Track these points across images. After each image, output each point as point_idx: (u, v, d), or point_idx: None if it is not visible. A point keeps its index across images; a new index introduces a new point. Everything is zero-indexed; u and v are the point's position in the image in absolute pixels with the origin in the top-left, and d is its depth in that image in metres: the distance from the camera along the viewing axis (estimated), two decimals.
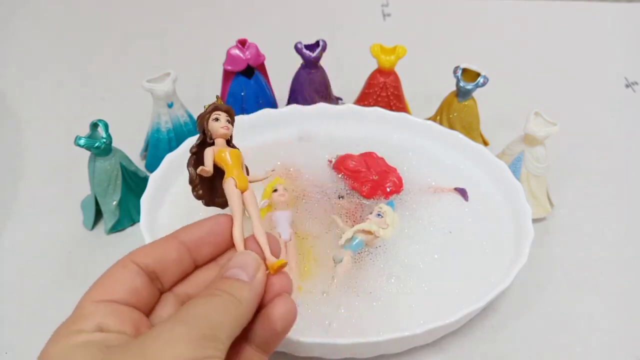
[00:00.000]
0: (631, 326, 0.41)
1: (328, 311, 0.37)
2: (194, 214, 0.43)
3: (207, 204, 0.33)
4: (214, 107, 0.32)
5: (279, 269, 0.28)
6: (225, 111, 0.33)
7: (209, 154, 0.31)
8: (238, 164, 0.31)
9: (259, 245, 0.29)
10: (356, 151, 0.48)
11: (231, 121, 0.33)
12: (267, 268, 0.28)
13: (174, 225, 0.41)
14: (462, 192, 0.45)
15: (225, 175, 0.31)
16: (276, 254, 0.29)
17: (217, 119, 0.32)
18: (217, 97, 0.35)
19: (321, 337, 0.34)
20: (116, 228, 0.46)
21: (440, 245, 0.41)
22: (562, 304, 0.42)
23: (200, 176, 0.32)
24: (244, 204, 0.30)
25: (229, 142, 0.33)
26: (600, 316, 0.41)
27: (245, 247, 0.29)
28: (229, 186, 0.30)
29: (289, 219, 0.42)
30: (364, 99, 0.54)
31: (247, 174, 0.33)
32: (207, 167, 0.31)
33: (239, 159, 0.32)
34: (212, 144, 0.32)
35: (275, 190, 0.43)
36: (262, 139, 0.49)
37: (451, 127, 0.51)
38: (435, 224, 0.43)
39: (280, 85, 0.55)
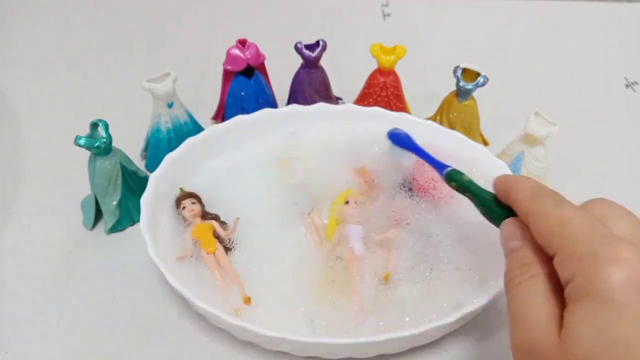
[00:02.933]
0: None
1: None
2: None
3: None
4: (177, 200, 0.43)
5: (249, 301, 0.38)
6: (187, 197, 0.43)
7: (187, 237, 0.41)
8: (207, 234, 0.41)
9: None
10: (356, 150, 0.48)
11: (196, 201, 0.43)
12: (244, 301, 0.38)
13: (174, 225, 0.42)
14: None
15: (200, 246, 0.40)
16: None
17: (184, 208, 0.42)
18: (180, 189, 0.44)
19: (321, 337, 0.34)
20: (116, 228, 0.46)
21: (440, 244, 0.41)
22: None
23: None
24: (217, 261, 0.40)
25: (205, 213, 0.43)
26: None
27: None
28: (203, 255, 0.40)
29: (361, 234, 0.41)
30: (364, 99, 0.54)
31: (226, 228, 0.42)
32: (186, 252, 0.40)
33: (208, 230, 0.41)
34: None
35: (347, 202, 0.43)
36: (262, 139, 0.49)
37: (451, 127, 0.51)
38: (436, 224, 0.43)
39: (280, 85, 0.55)
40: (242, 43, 0.51)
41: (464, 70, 0.49)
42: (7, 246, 0.45)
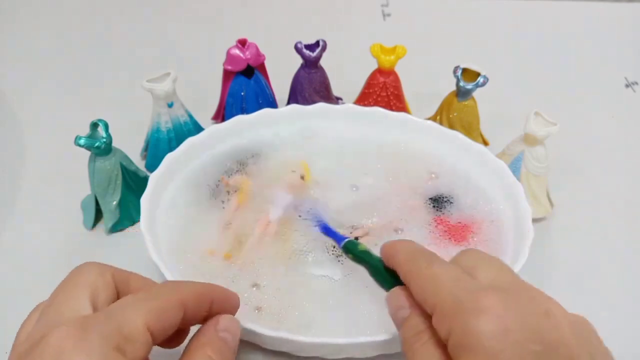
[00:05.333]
0: (631, 326, 0.41)
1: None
2: (193, 214, 0.43)
3: None
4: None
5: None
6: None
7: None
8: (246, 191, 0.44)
9: None
10: (354, 150, 0.48)
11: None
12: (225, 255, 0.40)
13: (173, 226, 0.42)
14: None
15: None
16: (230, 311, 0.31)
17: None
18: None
19: (321, 337, 0.34)
20: (116, 228, 0.46)
21: (440, 245, 0.41)
22: (562, 304, 0.42)
23: None
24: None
25: None
26: (600, 316, 0.41)
27: None
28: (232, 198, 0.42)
29: (287, 203, 0.42)
30: (364, 99, 0.54)
31: None
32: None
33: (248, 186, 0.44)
34: None
35: (293, 171, 0.45)
36: (262, 139, 0.49)
37: (451, 127, 0.51)
38: (435, 224, 0.43)
39: (280, 85, 0.55)
40: (242, 43, 0.51)
41: (464, 70, 0.49)
42: (7, 246, 0.45)
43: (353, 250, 0.36)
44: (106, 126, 0.42)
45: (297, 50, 0.51)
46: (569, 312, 0.26)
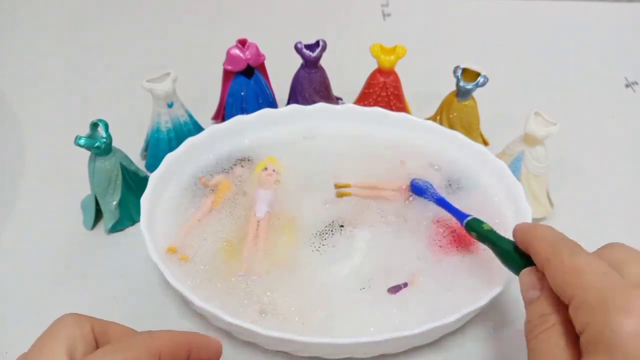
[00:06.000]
0: None
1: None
2: (192, 213, 0.43)
3: None
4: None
5: None
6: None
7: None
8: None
9: None
10: (354, 150, 0.49)
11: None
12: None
13: (174, 226, 0.42)
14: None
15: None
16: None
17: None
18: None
19: (320, 337, 0.34)
20: (116, 228, 0.46)
21: (440, 244, 0.41)
22: None
23: None
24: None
25: None
26: None
27: None
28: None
29: (268, 199, 0.44)
30: (364, 99, 0.54)
31: None
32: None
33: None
34: None
35: (265, 169, 0.46)
36: (262, 139, 0.49)
37: (451, 127, 0.51)
38: (436, 223, 0.43)
39: (280, 85, 0.55)
40: (242, 43, 0.51)
41: (464, 70, 0.49)
42: (7, 246, 0.45)
43: (477, 229, 0.36)
44: (106, 126, 0.42)
45: (297, 50, 0.51)
46: None
